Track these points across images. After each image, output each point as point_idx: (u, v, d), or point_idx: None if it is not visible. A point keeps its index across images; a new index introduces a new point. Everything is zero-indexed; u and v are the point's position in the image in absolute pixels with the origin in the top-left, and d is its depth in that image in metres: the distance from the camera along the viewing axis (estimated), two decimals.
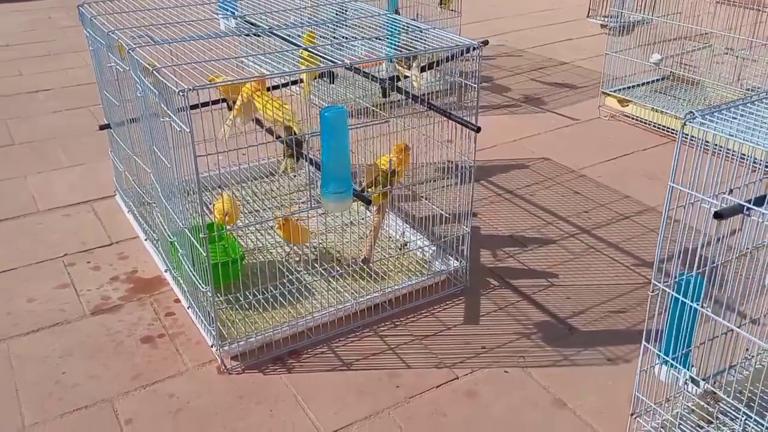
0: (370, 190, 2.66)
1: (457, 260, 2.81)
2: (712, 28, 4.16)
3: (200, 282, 2.33)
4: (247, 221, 3.10)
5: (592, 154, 3.97)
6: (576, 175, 3.75)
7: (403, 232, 3.02)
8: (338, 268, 2.78)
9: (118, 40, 2.54)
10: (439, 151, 2.79)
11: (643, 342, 1.92)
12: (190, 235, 2.32)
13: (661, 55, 4.22)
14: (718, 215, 1.51)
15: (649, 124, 4.25)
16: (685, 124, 1.62)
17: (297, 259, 2.79)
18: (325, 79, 3.44)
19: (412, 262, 2.90)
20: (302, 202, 3.27)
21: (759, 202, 1.52)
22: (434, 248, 2.89)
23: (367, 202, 2.39)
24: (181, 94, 1.98)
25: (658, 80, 4.55)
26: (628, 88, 4.45)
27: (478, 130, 2.37)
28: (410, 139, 2.84)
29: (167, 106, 2.14)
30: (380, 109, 3.17)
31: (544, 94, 4.88)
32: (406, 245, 2.96)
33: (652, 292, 1.83)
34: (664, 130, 4.16)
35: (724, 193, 1.60)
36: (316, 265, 2.80)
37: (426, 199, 3.07)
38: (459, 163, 2.64)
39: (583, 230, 3.23)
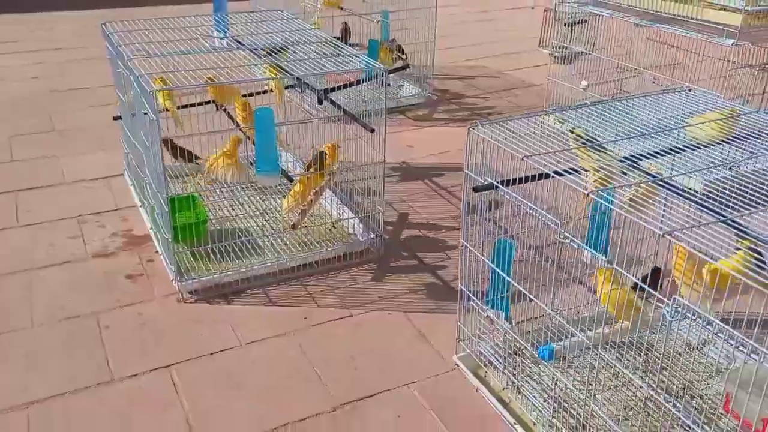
0: (311, 169, 3.46)
1: (375, 234, 3.60)
2: (641, 62, 4.87)
3: (165, 232, 3.18)
4: (219, 191, 3.94)
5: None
6: None
7: (338, 211, 3.82)
8: (280, 232, 3.60)
9: (122, 52, 3.41)
10: (365, 147, 3.58)
11: (459, 285, 2.68)
12: (161, 199, 3.16)
13: (588, 81, 4.94)
14: (475, 189, 2.28)
15: None
16: (470, 129, 2.40)
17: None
18: (297, 89, 4.26)
19: (342, 234, 3.69)
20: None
21: (506, 183, 2.28)
22: (359, 223, 3.68)
23: (290, 180, 3.20)
24: (151, 93, 2.82)
25: (595, 104, 5.24)
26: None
27: (372, 131, 3.17)
28: (340, 138, 3.65)
29: (146, 102, 2.99)
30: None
31: (503, 111, 5.63)
32: (338, 221, 3.75)
33: (460, 247, 2.59)
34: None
35: (489, 177, 2.35)
36: (263, 229, 3.63)
37: (353, 187, 3.86)
38: (374, 156, 3.43)
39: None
